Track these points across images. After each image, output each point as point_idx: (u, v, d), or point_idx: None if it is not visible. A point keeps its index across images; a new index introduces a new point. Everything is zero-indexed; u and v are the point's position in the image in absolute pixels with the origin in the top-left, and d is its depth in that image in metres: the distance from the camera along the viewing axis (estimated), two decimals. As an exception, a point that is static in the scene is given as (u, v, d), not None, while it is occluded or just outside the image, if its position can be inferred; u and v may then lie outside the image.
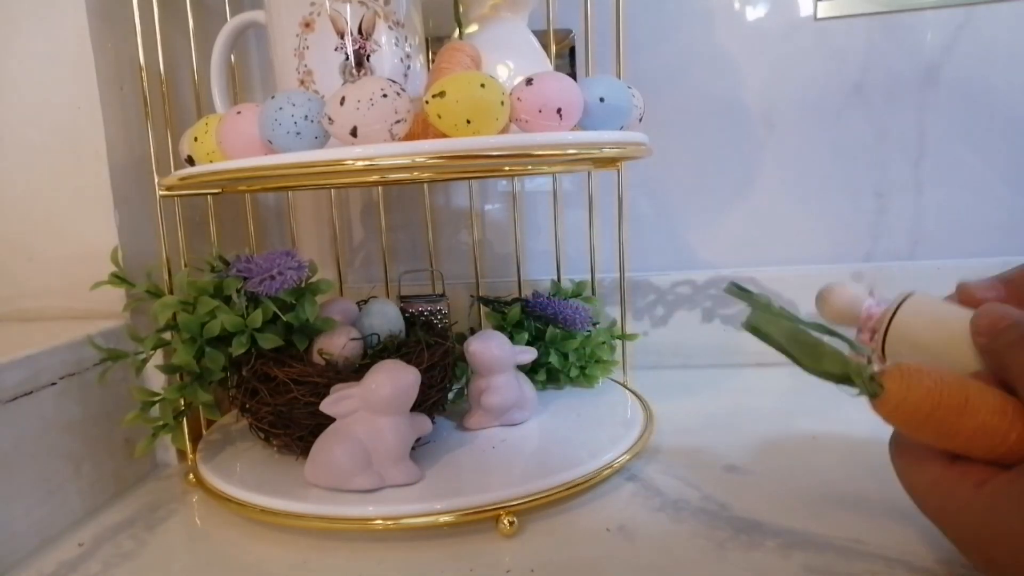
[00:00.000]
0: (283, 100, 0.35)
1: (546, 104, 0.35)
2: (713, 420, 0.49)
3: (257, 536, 0.40)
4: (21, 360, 0.39)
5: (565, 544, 0.37)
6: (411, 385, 0.40)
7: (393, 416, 0.40)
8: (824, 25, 0.63)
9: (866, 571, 0.33)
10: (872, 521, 0.37)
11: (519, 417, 0.49)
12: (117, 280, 0.44)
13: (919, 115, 0.63)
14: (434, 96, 0.34)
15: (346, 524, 0.38)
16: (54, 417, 0.41)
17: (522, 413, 0.49)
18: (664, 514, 0.39)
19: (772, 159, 0.66)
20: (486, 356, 0.47)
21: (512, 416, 0.49)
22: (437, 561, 0.36)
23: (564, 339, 0.55)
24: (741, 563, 0.34)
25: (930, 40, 0.62)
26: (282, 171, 0.36)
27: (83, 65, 0.46)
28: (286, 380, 0.42)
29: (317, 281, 0.46)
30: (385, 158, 0.34)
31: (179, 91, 0.52)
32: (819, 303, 0.36)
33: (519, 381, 0.49)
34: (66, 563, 0.38)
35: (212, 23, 0.52)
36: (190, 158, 0.41)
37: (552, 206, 0.63)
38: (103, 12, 0.47)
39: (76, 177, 0.48)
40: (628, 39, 0.53)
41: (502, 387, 0.48)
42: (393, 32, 0.43)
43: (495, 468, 0.42)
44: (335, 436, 0.40)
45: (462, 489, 0.40)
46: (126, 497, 0.46)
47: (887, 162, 0.64)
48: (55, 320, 0.49)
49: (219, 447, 0.48)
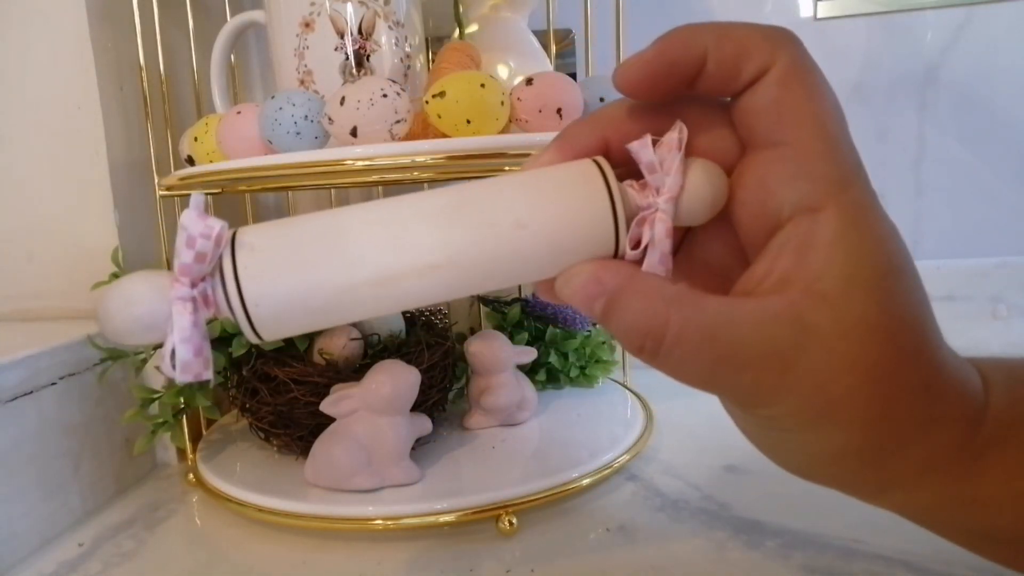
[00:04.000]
0: (283, 100, 0.35)
1: (546, 104, 0.35)
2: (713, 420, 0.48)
3: (257, 536, 0.40)
4: (21, 360, 0.39)
5: (565, 544, 0.37)
6: (411, 385, 0.40)
7: (393, 416, 0.40)
8: (824, 25, 0.63)
9: (866, 571, 0.33)
10: (872, 521, 0.37)
11: (519, 417, 0.49)
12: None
13: (919, 115, 0.63)
14: (434, 96, 0.34)
15: (346, 524, 0.38)
16: (54, 417, 0.41)
17: (522, 413, 0.49)
18: (664, 514, 0.39)
19: (772, 159, 0.66)
20: (486, 356, 0.47)
21: (512, 416, 0.49)
22: (437, 561, 0.36)
23: (564, 339, 0.55)
24: (741, 563, 0.34)
25: (930, 40, 0.62)
26: (282, 171, 0.36)
27: (83, 65, 0.46)
28: (286, 380, 0.42)
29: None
30: (385, 158, 0.34)
31: (179, 91, 0.52)
32: None
33: (519, 381, 0.49)
34: (66, 563, 0.38)
35: (212, 23, 0.52)
36: (190, 158, 0.41)
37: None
38: (103, 12, 0.47)
39: (76, 177, 0.48)
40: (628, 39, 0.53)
41: (502, 387, 0.48)
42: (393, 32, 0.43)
43: (495, 468, 0.42)
44: (335, 436, 0.40)
45: (462, 489, 0.40)
46: (126, 497, 0.46)
47: (887, 162, 0.64)
48: (55, 320, 0.49)
49: (219, 447, 0.48)
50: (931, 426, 0.20)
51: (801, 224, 0.19)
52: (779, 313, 0.18)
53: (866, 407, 0.19)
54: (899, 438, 0.19)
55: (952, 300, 0.62)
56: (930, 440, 0.20)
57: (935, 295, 0.39)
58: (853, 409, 0.19)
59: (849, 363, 0.18)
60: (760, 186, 0.19)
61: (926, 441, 0.20)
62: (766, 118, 0.19)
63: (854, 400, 0.19)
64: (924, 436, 0.20)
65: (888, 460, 0.20)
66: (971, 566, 0.33)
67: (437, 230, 0.19)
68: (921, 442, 0.20)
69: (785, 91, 0.19)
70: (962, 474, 0.20)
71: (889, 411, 0.19)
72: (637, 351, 0.19)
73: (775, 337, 0.18)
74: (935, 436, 0.20)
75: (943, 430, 0.20)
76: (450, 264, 0.19)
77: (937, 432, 0.20)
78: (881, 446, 0.20)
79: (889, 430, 0.19)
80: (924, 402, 0.19)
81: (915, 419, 0.19)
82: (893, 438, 0.19)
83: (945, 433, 0.20)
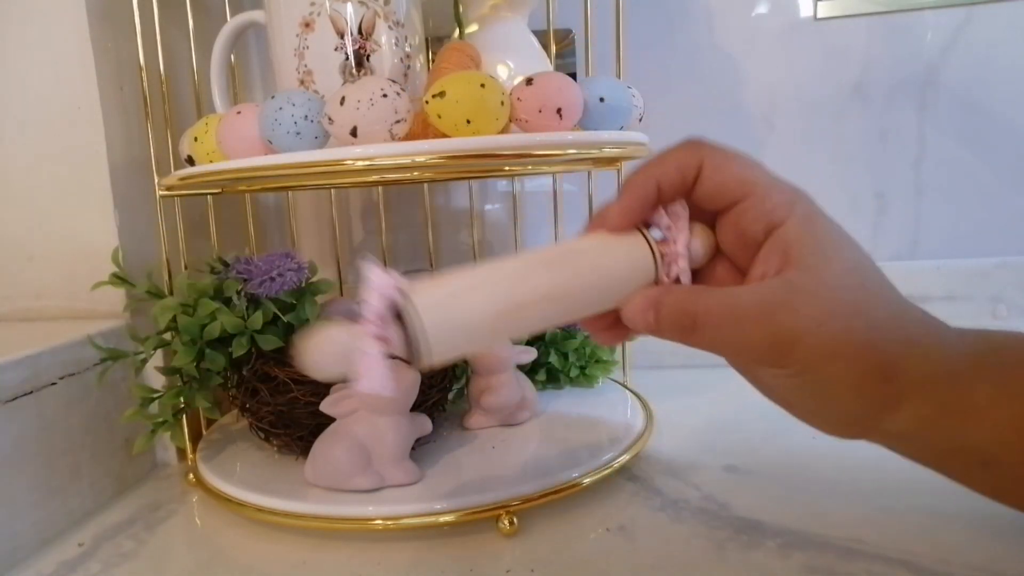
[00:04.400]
0: (283, 100, 0.35)
1: (546, 104, 0.35)
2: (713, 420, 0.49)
3: (257, 536, 0.40)
4: (21, 360, 0.39)
5: (565, 544, 0.37)
6: (411, 385, 0.40)
7: (393, 416, 0.40)
8: (824, 25, 0.63)
9: (866, 571, 0.33)
10: (872, 521, 0.37)
11: (519, 417, 0.49)
12: (118, 280, 0.44)
13: (919, 115, 0.63)
14: (434, 96, 0.34)
15: (346, 524, 0.38)
16: (54, 417, 0.41)
17: (522, 413, 0.49)
18: (664, 514, 0.39)
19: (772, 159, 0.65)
20: (486, 356, 0.47)
21: (512, 416, 0.49)
22: (437, 561, 0.36)
23: (564, 339, 0.55)
24: (741, 563, 0.34)
25: (930, 40, 0.62)
26: (282, 171, 0.36)
27: (83, 65, 0.46)
28: (286, 380, 0.42)
29: (317, 281, 0.46)
30: (385, 158, 0.34)
31: (179, 91, 0.52)
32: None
33: (519, 381, 0.49)
34: (66, 563, 0.38)
35: (212, 23, 0.52)
36: (190, 158, 0.41)
37: (552, 206, 0.63)
38: (103, 12, 0.47)
39: (76, 177, 0.48)
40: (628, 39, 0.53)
41: (502, 387, 0.48)
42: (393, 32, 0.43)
43: (495, 468, 0.42)
44: (335, 436, 0.40)
45: (462, 489, 0.40)
46: (126, 497, 0.46)
47: (887, 162, 0.64)
48: (55, 320, 0.49)
49: (219, 447, 0.48)
50: (914, 347, 0.26)
51: (774, 237, 0.27)
52: (773, 283, 0.26)
53: (856, 338, 0.26)
54: (890, 357, 0.26)
55: (952, 300, 0.62)
56: (919, 356, 0.26)
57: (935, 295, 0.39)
58: (848, 343, 0.25)
59: (831, 309, 0.25)
60: (737, 229, 0.28)
61: (914, 357, 0.26)
62: (719, 194, 0.28)
63: (848, 335, 0.25)
64: (911, 353, 0.26)
65: (885, 383, 0.26)
66: (971, 566, 0.33)
67: (548, 275, 0.27)
68: (910, 357, 0.26)
69: (721, 175, 0.28)
70: (958, 384, 0.26)
71: (874, 337, 0.26)
72: (680, 334, 0.27)
73: (772, 300, 0.26)
74: (923, 353, 0.26)
75: (928, 349, 0.26)
76: (561, 297, 0.27)
77: (923, 350, 0.26)
78: (879, 366, 0.26)
79: (879, 357, 0.26)
80: (899, 325, 0.26)
81: (899, 340, 0.26)
82: (885, 358, 0.26)
83: (934, 350, 0.26)
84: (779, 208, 0.27)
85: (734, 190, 0.28)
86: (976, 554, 0.33)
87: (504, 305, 0.26)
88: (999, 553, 0.33)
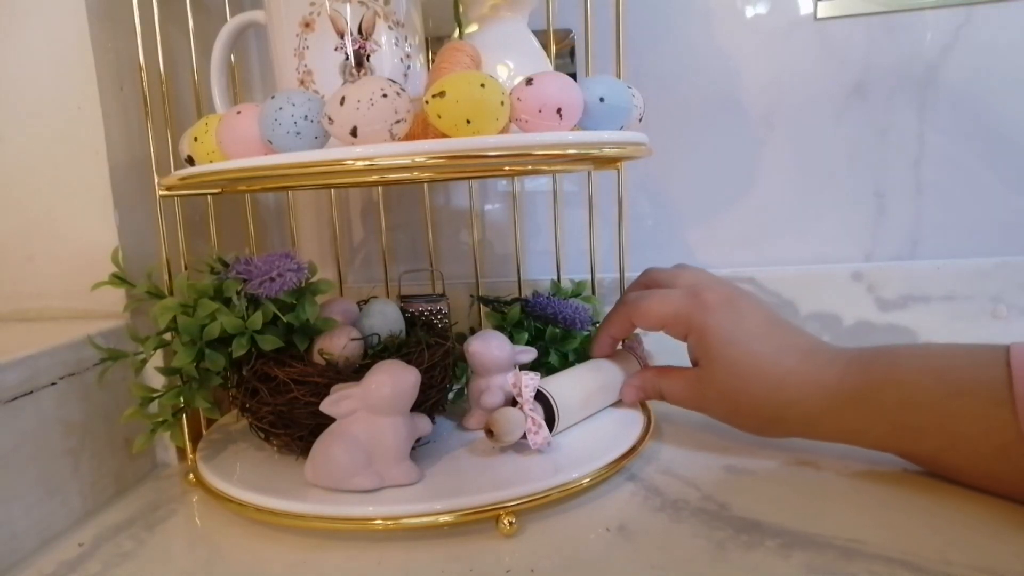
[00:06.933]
0: (283, 100, 0.35)
1: (546, 104, 0.35)
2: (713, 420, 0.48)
3: (257, 536, 0.40)
4: (21, 360, 0.39)
5: (565, 544, 0.37)
6: (411, 385, 0.40)
7: (393, 416, 0.40)
8: (824, 25, 0.63)
9: (866, 571, 0.33)
10: (872, 521, 0.37)
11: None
12: (117, 281, 0.44)
13: (919, 115, 0.63)
14: (434, 96, 0.34)
15: (346, 524, 0.38)
16: (54, 417, 0.41)
17: (522, 413, 0.49)
18: (664, 514, 0.39)
19: (772, 159, 0.66)
20: (486, 356, 0.47)
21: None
22: (437, 561, 0.36)
23: (564, 339, 0.55)
24: (741, 563, 0.34)
25: (930, 40, 0.62)
26: (282, 171, 0.36)
27: (83, 65, 0.46)
28: (286, 380, 0.42)
29: (317, 281, 0.46)
30: (385, 158, 0.34)
31: (179, 91, 0.52)
32: None
33: (519, 381, 0.49)
34: (66, 563, 0.38)
35: (212, 23, 0.52)
36: (190, 158, 0.41)
37: (552, 206, 0.63)
38: (103, 12, 0.47)
39: (76, 177, 0.48)
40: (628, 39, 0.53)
41: (502, 387, 0.48)
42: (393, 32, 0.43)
43: (495, 468, 0.42)
44: (335, 436, 0.40)
45: (462, 489, 0.40)
46: (126, 497, 0.46)
47: (887, 162, 0.64)
48: (55, 320, 0.49)
49: (219, 447, 0.48)
50: (791, 407, 0.42)
51: (690, 342, 0.46)
52: (695, 371, 0.46)
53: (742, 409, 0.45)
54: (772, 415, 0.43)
55: (952, 300, 0.62)
56: (798, 413, 0.42)
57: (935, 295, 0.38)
58: (736, 413, 0.46)
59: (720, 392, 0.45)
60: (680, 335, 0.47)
61: (792, 413, 0.43)
62: (652, 327, 0.48)
63: (735, 407, 0.45)
64: (788, 413, 0.43)
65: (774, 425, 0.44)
66: (971, 566, 0.33)
67: (592, 383, 0.49)
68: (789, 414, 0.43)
69: (646, 321, 0.48)
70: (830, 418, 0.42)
71: (756, 404, 0.43)
72: (658, 399, 0.49)
73: (694, 380, 0.46)
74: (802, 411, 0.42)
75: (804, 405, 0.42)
76: (608, 387, 0.50)
77: (801, 408, 0.42)
78: (768, 420, 0.44)
79: (768, 414, 0.43)
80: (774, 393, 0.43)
81: (777, 403, 0.43)
82: (772, 413, 0.43)
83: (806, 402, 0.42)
84: (687, 330, 0.45)
85: (657, 326, 0.47)
86: (976, 554, 0.33)
87: (585, 393, 0.48)
88: (999, 553, 0.33)
